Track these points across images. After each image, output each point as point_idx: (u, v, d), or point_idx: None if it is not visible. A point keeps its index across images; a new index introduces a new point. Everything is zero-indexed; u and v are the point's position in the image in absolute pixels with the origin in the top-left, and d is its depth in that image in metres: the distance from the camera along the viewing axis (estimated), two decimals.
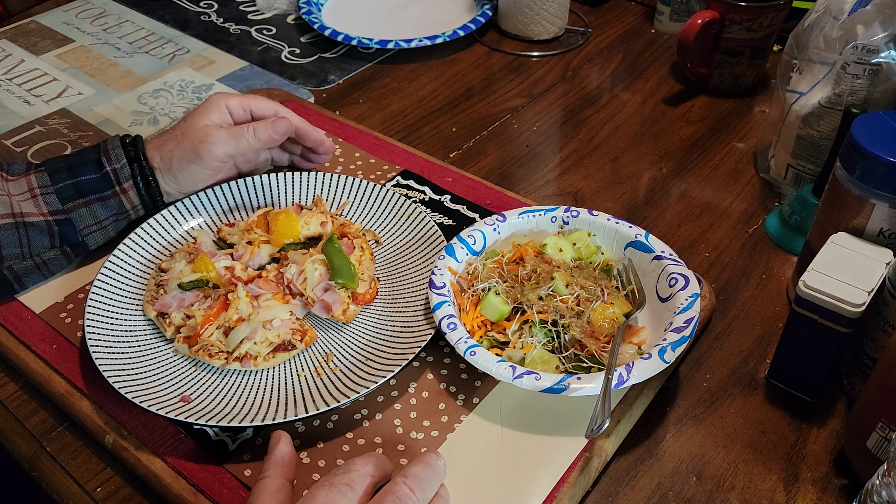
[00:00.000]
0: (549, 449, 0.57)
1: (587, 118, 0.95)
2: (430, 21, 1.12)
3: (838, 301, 0.55)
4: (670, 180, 0.86)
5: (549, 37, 1.08)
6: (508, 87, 1.00)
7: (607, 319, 0.62)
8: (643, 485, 0.58)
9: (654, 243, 0.67)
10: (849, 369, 0.63)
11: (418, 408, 0.60)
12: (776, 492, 0.57)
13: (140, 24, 1.13)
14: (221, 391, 0.61)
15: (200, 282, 0.66)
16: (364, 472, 0.47)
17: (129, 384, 0.59)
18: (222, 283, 0.66)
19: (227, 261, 0.67)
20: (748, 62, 0.95)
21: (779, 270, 0.75)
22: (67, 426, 0.62)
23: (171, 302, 0.65)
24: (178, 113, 0.95)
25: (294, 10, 1.16)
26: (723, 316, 0.70)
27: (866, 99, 0.73)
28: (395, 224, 0.74)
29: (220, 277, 0.66)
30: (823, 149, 0.77)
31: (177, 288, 0.66)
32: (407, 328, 0.65)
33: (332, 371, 0.62)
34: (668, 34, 1.10)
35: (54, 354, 0.64)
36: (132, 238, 0.70)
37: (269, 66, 1.04)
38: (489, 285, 0.64)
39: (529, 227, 0.70)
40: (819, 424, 0.62)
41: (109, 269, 0.68)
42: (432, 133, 0.92)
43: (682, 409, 0.63)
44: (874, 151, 0.58)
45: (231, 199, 0.76)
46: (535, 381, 0.56)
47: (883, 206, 0.59)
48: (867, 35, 0.70)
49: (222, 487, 0.55)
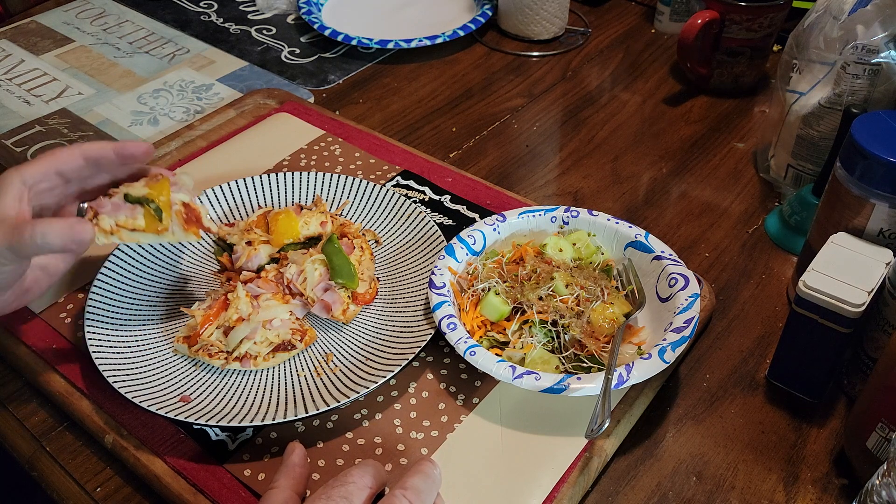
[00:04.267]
0: (549, 449, 0.57)
1: (587, 118, 0.95)
2: (430, 21, 1.12)
3: (838, 301, 0.55)
4: (670, 180, 0.85)
5: (549, 37, 1.08)
6: (508, 87, 1.00)
7: (607, 319, 0.62)
8: (643, 485, 0.58)
9: (654, 243, 0.67)
10: (849, 369, 0.63)
11: (418, 408, 0.60)
12: (776, 492, 0.57)
13: (140, 24, 1.13)
14: (221, 391, 0.61)
15: (145, 200, 0.61)
16: (362, 484, 0.47)
17: (128, 384, 0.59)
18: (167, 211, 0.61)
19: (186, 197, 0.62)
20: (748, 62, 0.95)
21: (779, 270, 0.75)
22: (67, 426, 0.62)
23: (105, 203, 0.60)
24: (177, 113, 0.95)
25: (294, 10, 1.16)
26: (723, 316, 0.70)
27: (866, 99, 0.73)
28: (395, 224, 0.74)
29: (168, 207, 0.61)
30: (823, 149, 0.77)
31: (122, 196, 0.61)
32: (407, 328, 0.65)
33: (332, 371, 0.62)
34: (668, 34, 1.10)
35: (54, 354, 0.64)
36: None
37: (269, 66, 1.04)
38: (489, 285, 0.64)
39: (529, 227, 0.70)
40: (819, 424, 0.62)
41: (109, 269, 0.68)
42: (432, 133, 0.92)
43: (682, 409, 0.63)
44: (874, 151, 0.58)
45: (231, 199, 0.76)
46: (535, 381, 0.56)
47: (883, 206, 0.59)
48: (867, 35, 0.70)
49: (222, 487, 0.55)
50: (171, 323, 0.66)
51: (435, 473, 0.49)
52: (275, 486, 0.49)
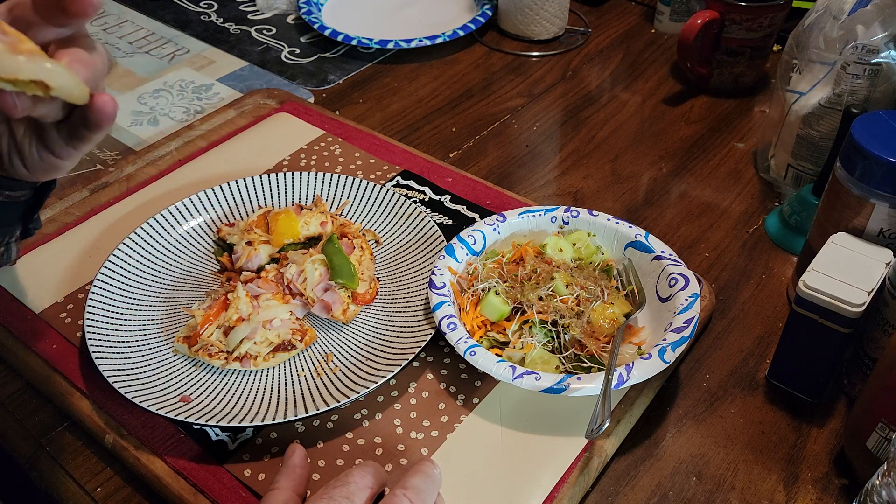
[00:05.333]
0: (549, 449, 0.57)
1: (587, 118, 0.95)
2: (430, 21, 1.12)
3: (838, 301, 0.55)
4: (670, 180, 0.85)
5: (549, 37, 1.08)
6: (508, 87, 1.00)
7: (607, 319, 0.62)
8: (643, 485, 0.58)
9: (654, 243, 0.67)
10: (849, 369, 0.63)
11: (418, 408, 0.60)
12: (776, 492, 0.57)
13: (140, 23, 1.13)
14: (221, 391, 0.61)
15: None
16: (363, 484, 0.47)
17: (129, 384, 0.59)
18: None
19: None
20: (748, 62, 0.95)
21: (779, 270, 0.75)
22: (67, 426, 0.62)
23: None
24: (177, 113, 0.95)
25: (294, 10, 1.16)
26: (723, 316, 0.70)
27: (866, 99, 0.73)
28: (395, 224, 0.74)
29: None
30: (823, 149, 0.77)
31: None
32: (407, 328, 0.65)
33: (332, 371, 0.62)
34: (668, 34, 1.10)
35: (54, 354, 0.64)
36: (132, 238, 0.70)
37: (269, 66, 1.04)
38: (489, 285, 0.64)
39: (529, 227, 0.70)
40: (819, 424, 0.62)
41: (109, 269, 0.68)
42: (432, 133, 0.92)
43: (682, 409, 0.63)
44: (874, 151, 0.58)
45: (231, 199, 0.76)
46: (535, 381, 0.56)
47: (883, 206, 0.59)
48: (867, 35, 0.70)
49: (222, 487, 0.55)
50: (171, 323, 0.66)
51: (435, 473, 0.49)
52: (275, 487, 0.49)
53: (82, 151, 0.50)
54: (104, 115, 0.46)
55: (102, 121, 0.46)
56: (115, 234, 0.75)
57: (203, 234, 0.74)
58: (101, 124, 0.46)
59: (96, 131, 0.47)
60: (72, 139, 0.48)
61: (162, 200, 0.78)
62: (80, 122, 0.46)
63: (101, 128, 0.46)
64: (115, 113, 0.46)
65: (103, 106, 0.45)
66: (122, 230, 0.75)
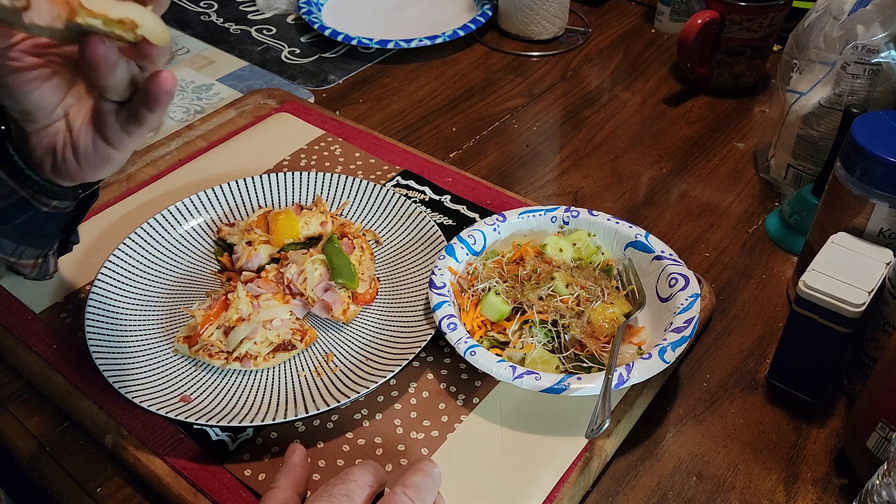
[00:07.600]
0: (549, 449, 0.57)
1: (587, 118, 0.95)
2: (430, 21, 1.12)
3: (838, 301, 0.55)
4: (670, 180, 0.85)
5: (549, 37, 1.08)
6: (508, 87, 1.00)
7: (607, 319, 0.62)
8: (643, 485, 0.58)
9: (654, 243, 0.67)
10: (849, 369, 0.63)
11: (418, 408, 0.60)
12: (776, 492, 0.57)
13: None
14: (221, 391, 0.61)
15: None
16: (363, 483, 0.47)
17: (129, 384, 0.59)
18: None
19: None
20: (748, 62, 0.95)
21: (779, 270, 0.75)
22: (67, 426, 0.62)
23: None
24: (177, 113, 0.95)
25: (294, 10, 1.16)
26: (723, 316, 0.70)
27: (866, 99, 0.73)
28: (395, 224, 0.74)
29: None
30: (823, 149, 0.77)
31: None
32: (407, 328, 0.65)
33: (332, 371, 0.62)
34: (668, 34, 1.10)
35: (54, 354, 0.64)
36: (132, 238, 0.70)
37: (269, 66, 1.04)
38: (489, 285, 0.64)
39: (529, 227, 0.70)
40: (819, 424, 0.62)
41: (109, 269, 0.68)
42: (432, 133, 0.92)
43: (682, 409, 0.63)
44: (874, 151, 0.58)
45: (231, 199, 0.76)
46: (535, 381, 0.56)
47: (883, 206, 0.59)
48: (867, 35, 0.70)
49: (222, 487, 0.55)
50: (171, 323, 0.66)
51: (435, 472, 0.49)
52: (275, 487, 0.49)
53: (136, 139, 0.50)
54: (165, 89, 0.47)
55: (162, 96, 0.47)
56: (115, 234, 0.75)
57: (203, 234, 0.74)
58: (161, 100, 0.47)
59: (155, 108, 0.48)
60: (129, 122, 0.49)
61: (162, 200, 0.78)
62: (141, 101, 0.48)
63: (160, 104, 0.47)
64: (174, 89, 0.48)
65: (164, 81, 0.47)
66: (122, 230, 0.75)
